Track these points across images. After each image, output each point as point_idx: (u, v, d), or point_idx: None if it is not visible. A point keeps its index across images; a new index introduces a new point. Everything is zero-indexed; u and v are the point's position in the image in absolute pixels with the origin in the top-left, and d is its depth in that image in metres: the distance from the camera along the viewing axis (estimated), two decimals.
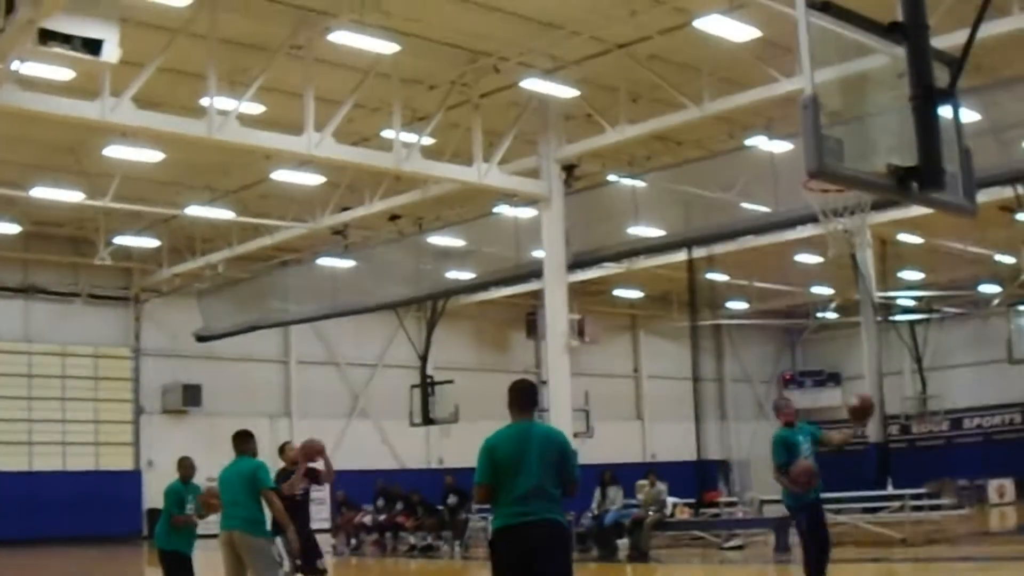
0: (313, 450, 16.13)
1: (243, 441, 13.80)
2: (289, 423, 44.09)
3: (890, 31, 8.93)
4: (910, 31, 8.88)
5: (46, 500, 37.80)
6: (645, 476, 28.04)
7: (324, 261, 38.10)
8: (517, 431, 9.49)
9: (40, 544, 35.89)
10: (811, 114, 8.26)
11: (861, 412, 13.85)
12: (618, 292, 48.15)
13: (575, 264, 30.00)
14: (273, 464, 16.97)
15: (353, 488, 35.52)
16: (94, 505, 38.77)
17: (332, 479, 17.15)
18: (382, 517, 32.94)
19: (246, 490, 12.87)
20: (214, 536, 13.55)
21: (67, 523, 37.87)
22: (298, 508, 16.31)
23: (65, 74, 23.10)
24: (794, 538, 26.50)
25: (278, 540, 16.16)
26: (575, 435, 29.86)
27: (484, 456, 9.41)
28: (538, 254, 29.87)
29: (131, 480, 40.07)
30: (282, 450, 16.77)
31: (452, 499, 31.34)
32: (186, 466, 15.66)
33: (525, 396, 9.67)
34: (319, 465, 16.51)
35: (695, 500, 31.01)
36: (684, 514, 28.78)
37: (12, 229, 35.93)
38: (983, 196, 16.71)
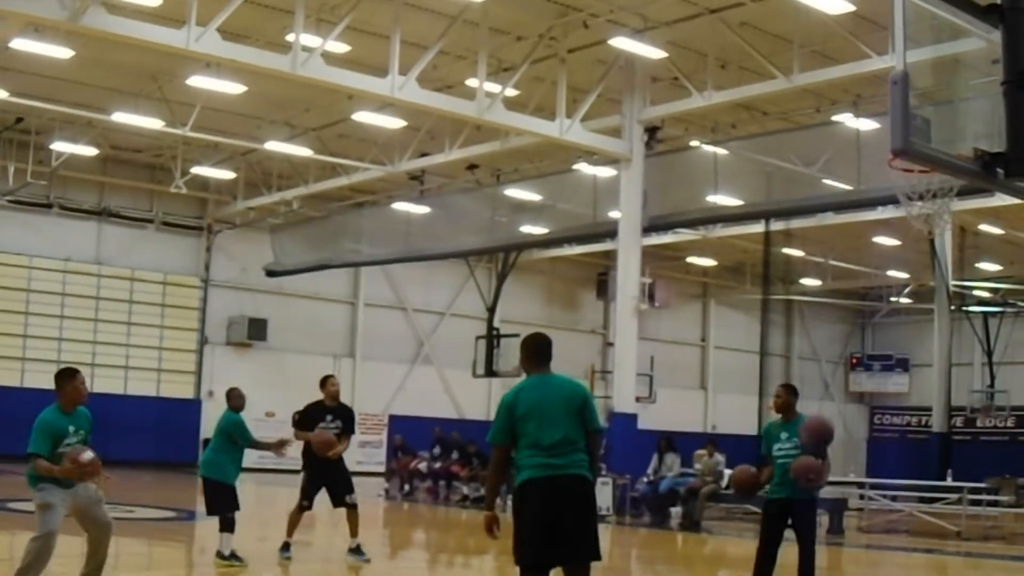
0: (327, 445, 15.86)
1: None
2: (353, 364, 44.27)
3: (987, 13, 8.73)
4: (1008, 14, 8.66)
5: (105, 422, 37.98)
6: (704, 446, 27.84)
7: (399, 205, 38.07)
8: (537, 383, 9.10)
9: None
10: (900, 91, 8.10)
11: (741, 486, 13.22)
12: (691, 259, 47.80)
13: (651, 227, 29.83)
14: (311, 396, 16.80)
15: (411, 434, 35.62)
16: (152, 431, 39.11)
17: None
18: (437, 465, 32.99)
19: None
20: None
21: (124, 446, 38.14)
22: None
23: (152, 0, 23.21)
24: (848, 520, 26.40)
25: (302, 476, 16.18)
26: (637, 399, 29.76)
27: (503, 414, 9.06)
28: (614, 214, 29.71)
29: (190, 409, 40.28)
30: (324, 382, 16.47)
31: None
32: (237, 396, 15.57)
33: (541, 350, 9.28)
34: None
35: None
36: None
37: (90, 152, 36.20)
38: None
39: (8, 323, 37.80)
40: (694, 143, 31.45)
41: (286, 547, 16.11)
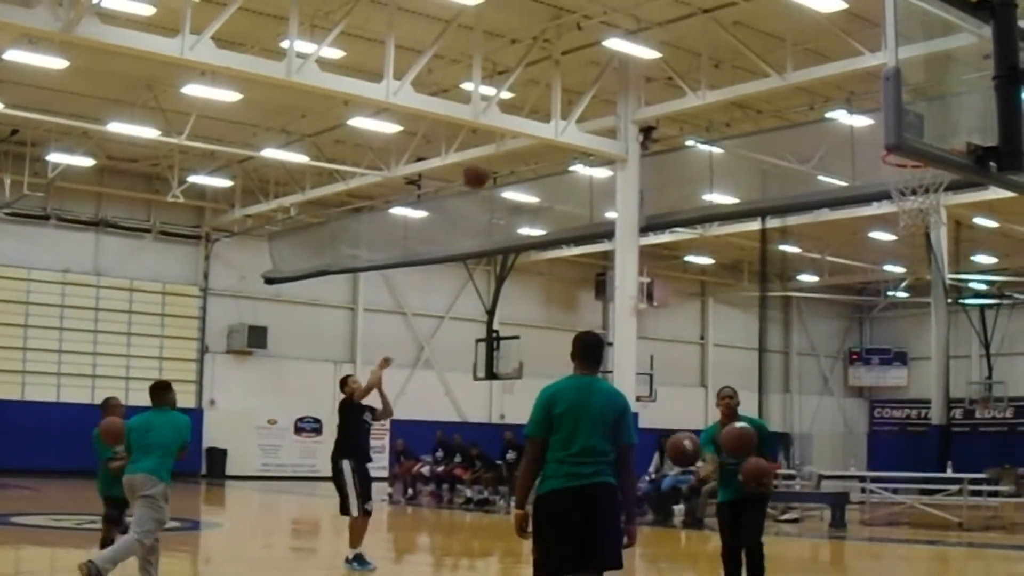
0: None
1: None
2: (353, 370, 44.09)
3: (978, 8, 8.79)
4: (998, 9, 8.73)
5: None
6: None
7: (396, 210, 38.08)
8: (579, 385, 8.73)
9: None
10: (893, 87, 8.15)
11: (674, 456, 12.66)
12: (689, 258, 47.87)
13: (648, 227, 29.84)
14: (334, 398, 17.16)
15: (413, 438, 35.62)
16: None
17: (390, 415, 17.12)
18: (440, 468, 32.98)
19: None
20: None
21: None
22: (363, 440, 16.48)
23: (146, 9, 23.26)
24: (850, 514, 26.44)
25: (345, 463, 16.19)
26: (638, 399, 29.79)
27: (541, 407, 8.63)
28: (611, 215, 29.72)
29: (192, 418, 40.06)
30: (344, 382, 16.78)
31: (511, 455, 31.24)
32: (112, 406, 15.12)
33: (592, 349, 8.94)
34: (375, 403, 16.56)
35: None
36: None
37: (87, 162, 36.22)
38: None
39: (7, 336, 37.80)
40: (689, 142, 31.50)
41: (360, 558, 16.01)
